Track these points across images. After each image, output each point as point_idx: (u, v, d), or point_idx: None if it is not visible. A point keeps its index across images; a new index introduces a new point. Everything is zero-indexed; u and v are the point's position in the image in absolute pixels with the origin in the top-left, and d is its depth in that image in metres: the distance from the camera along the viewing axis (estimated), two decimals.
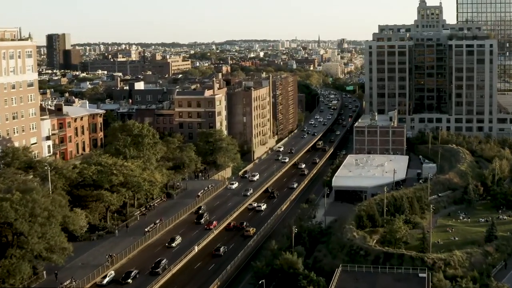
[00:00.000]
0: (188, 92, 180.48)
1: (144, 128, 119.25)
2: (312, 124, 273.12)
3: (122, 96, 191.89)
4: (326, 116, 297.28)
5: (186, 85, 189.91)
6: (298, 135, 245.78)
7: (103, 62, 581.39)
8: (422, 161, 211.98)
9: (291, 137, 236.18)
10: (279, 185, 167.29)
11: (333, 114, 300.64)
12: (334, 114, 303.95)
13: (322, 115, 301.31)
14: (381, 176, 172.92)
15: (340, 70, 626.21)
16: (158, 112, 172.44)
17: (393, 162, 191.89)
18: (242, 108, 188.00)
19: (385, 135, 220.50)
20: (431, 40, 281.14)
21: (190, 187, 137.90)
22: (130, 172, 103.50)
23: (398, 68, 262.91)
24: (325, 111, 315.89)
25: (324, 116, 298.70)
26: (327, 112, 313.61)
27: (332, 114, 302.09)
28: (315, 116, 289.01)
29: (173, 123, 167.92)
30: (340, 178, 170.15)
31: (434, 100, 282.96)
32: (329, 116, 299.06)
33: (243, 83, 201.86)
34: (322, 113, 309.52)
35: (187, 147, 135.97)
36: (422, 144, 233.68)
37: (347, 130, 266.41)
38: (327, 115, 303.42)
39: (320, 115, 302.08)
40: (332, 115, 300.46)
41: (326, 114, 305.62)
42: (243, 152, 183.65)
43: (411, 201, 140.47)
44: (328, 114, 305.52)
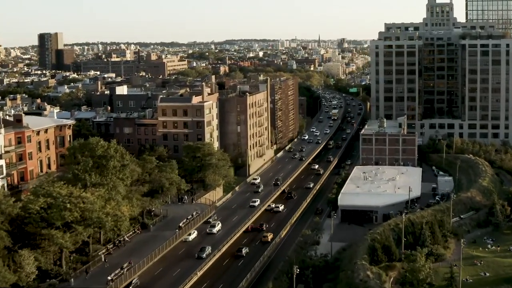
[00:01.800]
0: (173, 98, 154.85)
1: (111, 147, 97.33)
2: (313, 132, 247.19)
3: (102, 102, 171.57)
4: (328, 124, 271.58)
5: (172, 90, 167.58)
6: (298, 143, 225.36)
7: (96, 62, 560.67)
8: (436, 173, 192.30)
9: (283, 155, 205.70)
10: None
11: (333, 126, 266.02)
12: (334, 125, 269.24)
13: (321, 125, 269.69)
14: (393, 193, 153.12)
15: (342, 71, 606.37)
16: (139, 121, 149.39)
17: (405, 176, 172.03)
18: (236, 116, 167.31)
19: (395, 143, 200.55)
20: (442, 40, 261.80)
21: (172, 214, 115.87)
22: (88, 205, 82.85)
23: (407, 69, 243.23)
24: (326, 119, 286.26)
25: (325, 124, 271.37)
26: (328, 120, 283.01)
27: (332, 125, 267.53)
28: (311, 129, 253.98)
29: (156, 135, 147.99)
30: (347, 196, 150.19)
31: (444, 104, 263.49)
32: (331, 123, 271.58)
33: (238, 87, 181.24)
34: (322, 122, 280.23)
35: (168, 166, 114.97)
36: (435, 153, 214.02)
37: (352, 137, 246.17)
38: (328, 122, 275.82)
39: (318, 125, 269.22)
40: (333, 126, 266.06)
41: (328, 122, 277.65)
42: (237, 166, 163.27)
43: (432, 227, 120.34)
44: (330, 122, 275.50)
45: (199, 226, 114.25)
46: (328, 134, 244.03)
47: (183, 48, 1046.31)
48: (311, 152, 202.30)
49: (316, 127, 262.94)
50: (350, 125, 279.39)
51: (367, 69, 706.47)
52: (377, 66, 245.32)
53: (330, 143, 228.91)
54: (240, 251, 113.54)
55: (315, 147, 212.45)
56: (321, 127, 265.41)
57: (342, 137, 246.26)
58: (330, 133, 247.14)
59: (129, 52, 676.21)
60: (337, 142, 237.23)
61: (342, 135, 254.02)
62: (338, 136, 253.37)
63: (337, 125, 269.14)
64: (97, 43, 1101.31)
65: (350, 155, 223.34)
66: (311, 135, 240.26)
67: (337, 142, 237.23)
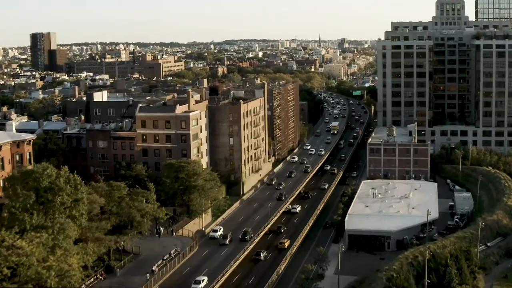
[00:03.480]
0: (154, 108, 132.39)
1: (61, 177, 77.99)
2: (307, 150, 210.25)
3: (78, 110, 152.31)
4: (325, 140, 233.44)
5: (154, 98, 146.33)
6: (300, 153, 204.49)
7: (90, 63, 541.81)
8: (451, 187, 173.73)
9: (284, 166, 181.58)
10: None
11: (330, 142, 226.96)
12: (333, 140, 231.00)
13: (320, 138, 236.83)
14: (407, 215, 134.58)
15: (343, 72, 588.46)
16: (115, 134, 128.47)
17: (419, 193, 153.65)
18: (228, 127, 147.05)
19: (405, 154, 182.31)
20: (453, 40, 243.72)
21: (146, 252, 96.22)
22: (23, 258, 63.35)
23: (417, 72, 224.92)
24: (324, 132, 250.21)
25: (323, 140, 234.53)
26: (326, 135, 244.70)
27: (330, 141, 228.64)
28: (305, 146, 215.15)
29: (135, 150, 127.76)
30: (355, 218, 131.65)
31: (456, 109, 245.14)
32: (329, 139, 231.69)
33: (232, 92, 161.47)
34: (320, 136, 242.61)
35: (140, 195, 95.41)
36: (448, 163, 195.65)
37: (357, 145, 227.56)
38: (326, 138, 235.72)
39: (315, 140, 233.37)
40: (330, 142, 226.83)
41: (325, 137, 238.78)
42: (229, 183, 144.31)
43: (458, 261, 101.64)
44: (327, 138, 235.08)
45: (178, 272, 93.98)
46: (321, 155, 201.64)
47: (182, 48, 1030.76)
48: (293, 189, 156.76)
49: (312, 142, 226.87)
50: (353, 135, 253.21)
51: (369, 70, 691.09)
52: (384, 68, 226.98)
53: (328, 167, 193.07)
54: (259, 255, 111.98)
55: (302, 177, 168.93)
56: (320, 139, 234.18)
57: (341, 158, 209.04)
58: (325, 153, 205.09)
59: (125, 53, 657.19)
60: (332, 166, 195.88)
61: (341, 155, 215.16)
62: (338, 155, 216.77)
63: (335, 141, 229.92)
64: (96, 43, 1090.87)
65: (356, 165, 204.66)
66: (303, 154, 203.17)
67: (332, 166, 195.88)
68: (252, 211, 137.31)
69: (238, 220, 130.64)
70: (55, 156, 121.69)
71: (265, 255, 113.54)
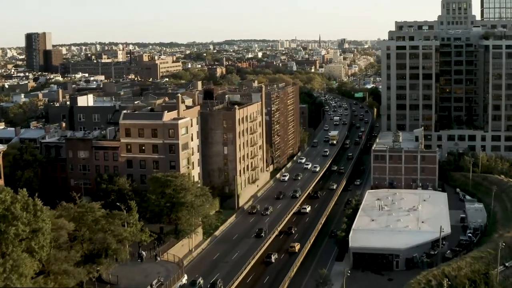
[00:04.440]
0: (140, 114, 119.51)
1: (17, 202, 66.22)
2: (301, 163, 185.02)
3: (61, 115, 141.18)
4: (322, 152, 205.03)
5: (139, 104, 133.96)
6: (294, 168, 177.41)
7: (86, 63, 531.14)
8: (462, 197, 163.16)
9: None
10: None
11: (328, 155, 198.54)
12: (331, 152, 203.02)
13: (317, 150, 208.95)
14: (417, 230, 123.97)
15: (344, 72, 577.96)
16: (97, 143, 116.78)
17: (428, 204, 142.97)
18: (223, 135, 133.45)
19: (412, 161, 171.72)
20: (459, 40, 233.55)
21: (125, 281, 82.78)
22: None
23: (423, 73, 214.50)
24: (322, 142, 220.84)
25: (320, 152, 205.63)
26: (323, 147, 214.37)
27: (328, 154, 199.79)
28: (299, 160, 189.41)
29: (119, 161, 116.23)
30: (360, 234, 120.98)
31: (463, 112, 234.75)
32: (326, 152, 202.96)
33: (227, 96, 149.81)
34: (317, 147, 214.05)
35: (117, 217, 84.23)
36: (457, 170, 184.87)
37: (360, 150, 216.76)
38: (323, 150, 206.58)
39: (311, 151, 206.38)
40: (328, 155, 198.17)
41: (323, 149, 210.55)
42: (223, 196, 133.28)
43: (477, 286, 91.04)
44: (324, 150, 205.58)
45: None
46: (316, 172, 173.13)
47: (181, 48, 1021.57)
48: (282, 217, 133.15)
49: (308, 155, 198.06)
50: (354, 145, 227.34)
51: (370, 70, 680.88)
52: (388, 70, 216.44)
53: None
54: (270, 257, 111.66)
55: (289, 204, 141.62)
56: (317, 150, 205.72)
57: (339, 171, 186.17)
58: (320, 169, 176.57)
59: (121, 53, 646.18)
60: (330, 183, 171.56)
61: (340, 167, 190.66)
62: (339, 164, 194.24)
63: (334, 154, 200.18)
64: (95, 43, 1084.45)
65: (361, 171, 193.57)
66: (296, 169, 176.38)
67: (330, 183, 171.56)
68: (249, 226, 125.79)
69: (232, 238, 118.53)
70: (31, 168, 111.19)
71: (276, 257, 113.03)
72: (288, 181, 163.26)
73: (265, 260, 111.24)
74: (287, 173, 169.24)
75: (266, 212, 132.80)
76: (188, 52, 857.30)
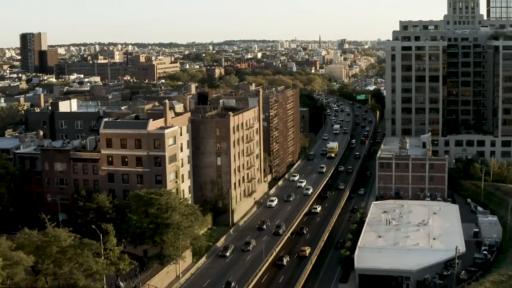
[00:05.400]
0: (122, 123, 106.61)
1: None
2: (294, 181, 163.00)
3: (41, 122, 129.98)
4: (318, 167, 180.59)
5: (122, 111, 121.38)
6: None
7: (81, 64, 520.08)
8: (473, 209, 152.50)
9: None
10: None
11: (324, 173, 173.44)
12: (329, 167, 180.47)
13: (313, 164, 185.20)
14: (428, 248, 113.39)
15: (345, 73, 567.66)
16: (75, 155, 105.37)
17: (439, 218, 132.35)
18: (216, 144, 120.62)
19: (420, 169, 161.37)
20: (467, 40, 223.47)
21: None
22: None
23: (429, 75, 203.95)
24: (319, 156, 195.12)
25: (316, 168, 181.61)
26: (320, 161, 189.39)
27: (324, 170, 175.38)
28: (291, 177, 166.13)
29: (99, 174, 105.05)
30: (366, 253, 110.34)
31: (470, 116, 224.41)
32: (322, 168, 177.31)
33: (221, 101, 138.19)
34: (313, 160, 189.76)
35: (87, 247, 72.41)
36: (466, 178, 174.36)
37: (364, 156, 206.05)
38: (319, 167, 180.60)
39: (307, 165, 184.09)
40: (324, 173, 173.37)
41: (320, 163, 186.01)
42: (217, 211, 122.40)
43: None
44: (320, 168, 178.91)
45: None
46: (308, 195, 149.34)
47: (181, 49, 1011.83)
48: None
49: (302, 170, 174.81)
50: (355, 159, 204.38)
51: (371, 71, 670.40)
52: (393, 72, 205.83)
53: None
54: (282, 260, 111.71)
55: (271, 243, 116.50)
56: (314, 165, 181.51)
57: (338, 187, 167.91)
58: (314, 191, 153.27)
59: (118, 54, 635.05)
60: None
61: (339, 183, 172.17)
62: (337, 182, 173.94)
63: (331, 169, 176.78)
64: (94, 44, 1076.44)
65: (364, 180, 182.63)
66: (288, 188, 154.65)
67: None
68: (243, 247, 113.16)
69: (225, 261, 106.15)
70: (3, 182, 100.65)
71: (287, 260, 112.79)
72: (276, 207, 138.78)
73: (277, 263, 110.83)
74: (275, 197, 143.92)
75: (247, 247, 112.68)
76: (187, 52, 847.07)
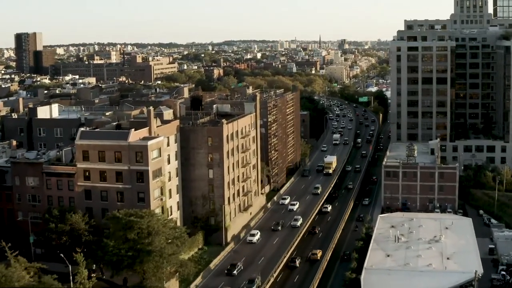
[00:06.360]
0: (100, 133, 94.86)
1: None
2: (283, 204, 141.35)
3: (18, 129, 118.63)
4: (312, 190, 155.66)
5: (102, 119, 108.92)
6: None
7: (77, 65, 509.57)
8: (487, 221, 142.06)
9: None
10: None
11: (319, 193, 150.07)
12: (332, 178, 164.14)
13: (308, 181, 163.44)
14: (442, 270, 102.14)
15: (346, 74, 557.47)
16: (49, 168, 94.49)
17: (452, 233, 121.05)
18: (207, 155, 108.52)
19: (429, 178, 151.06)
20: (475, 40, 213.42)
21: None
22: None
23: (437, 77, 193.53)
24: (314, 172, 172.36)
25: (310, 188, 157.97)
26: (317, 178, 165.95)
27: (319, 191, 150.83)
28: (281, 200, 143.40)
29: (75, 191, 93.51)
30: (374, 276, 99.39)
31: (478, 119, 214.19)
32: (316, 191, 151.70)
33: (215, 106, 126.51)
34: (308, 176, 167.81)
35: (45, 282, 61.13)
36: (477, 187, 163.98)
37: (368, 162, 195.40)
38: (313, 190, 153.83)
39: (301, 182, 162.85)
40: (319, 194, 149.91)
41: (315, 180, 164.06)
42: (209, 229, 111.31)
43: None
44: (315, 190, 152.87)
45: None
46: (296, 227, 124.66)
47: (180, 49, 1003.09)
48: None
49: (294, 190, 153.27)
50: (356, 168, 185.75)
51: (372, 72, 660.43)
52: (399, 74, 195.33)
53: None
54: (294, 262, 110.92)
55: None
56: (308, 183, 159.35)
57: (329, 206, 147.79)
58: (304, 221, 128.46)
59: (115, 54, 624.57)
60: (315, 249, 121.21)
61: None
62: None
63: (329, 188, 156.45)
64: (94, 44, 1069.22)
65: (369, 190, 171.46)
66: (277, 213, 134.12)
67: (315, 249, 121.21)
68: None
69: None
70: None
71: (300, 261, 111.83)
72: (259, 242, 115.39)
73: (289, 264, 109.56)
74: (257, 230, 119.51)
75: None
76: (186, 53, 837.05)
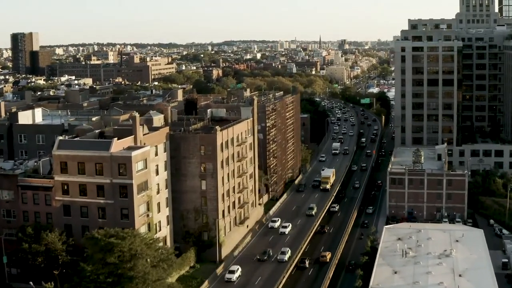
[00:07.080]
0: (80, 143, 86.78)
1: None
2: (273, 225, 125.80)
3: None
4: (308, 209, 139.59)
5: (84, 127, 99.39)
6: None
7: (74, 65, 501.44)
8: (498, 232, 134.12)
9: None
10: None
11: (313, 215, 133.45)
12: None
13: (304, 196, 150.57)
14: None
15: (346, 75, 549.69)
16: (24, 181, 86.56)
17: (463, 247, 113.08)
18: (199, 165, 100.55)
19: (436, 186, 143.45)
20: (482, 40, 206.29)
21: None
22: None
23: (443, 79, 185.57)
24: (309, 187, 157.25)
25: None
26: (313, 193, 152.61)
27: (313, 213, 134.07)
28: (271, 221, 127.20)
29: (53, 206, 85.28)
30: None
31: (485, 122, 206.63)
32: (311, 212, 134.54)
33: (210, 110, 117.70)
34: (303, 192, 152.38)
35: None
36: (487, 195, 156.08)
37: (372, 167, 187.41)
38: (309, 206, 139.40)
39: (296, 195, 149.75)
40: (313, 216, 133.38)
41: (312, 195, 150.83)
42: (202, 245, 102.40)
43: None
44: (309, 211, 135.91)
45: None
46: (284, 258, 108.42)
47: (180, 49, 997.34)
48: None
49: (285, 210, 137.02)
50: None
51: (372, 72, 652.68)
52: (403, 75, 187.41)
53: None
54: (304, 262, 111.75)
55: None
56: (302, 200, 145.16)
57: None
58: (292, 256, 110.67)
59: (113, 54, 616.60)
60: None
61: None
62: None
63: (325, 208, 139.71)
64: (93, 44, 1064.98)
65: (373, 197, 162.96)
66: (268, 236, 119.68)
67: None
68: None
69: None
70: None
71: (309, 262, 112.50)
72: (238, 280, 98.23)
73: (299, 265, 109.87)
74: (238, 265, 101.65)
75: None
76: (186, 53, 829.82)
